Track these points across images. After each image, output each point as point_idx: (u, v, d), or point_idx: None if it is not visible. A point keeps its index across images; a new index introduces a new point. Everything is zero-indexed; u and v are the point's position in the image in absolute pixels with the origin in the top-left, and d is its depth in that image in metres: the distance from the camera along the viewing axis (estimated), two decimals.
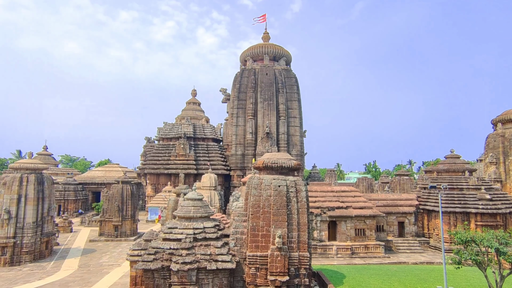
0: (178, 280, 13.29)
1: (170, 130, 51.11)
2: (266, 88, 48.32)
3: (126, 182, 32.77)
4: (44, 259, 23.38)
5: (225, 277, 13.75)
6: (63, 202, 46.01)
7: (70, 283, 18.44)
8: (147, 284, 13.81)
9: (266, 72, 49.37)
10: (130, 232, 31.51)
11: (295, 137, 48.23)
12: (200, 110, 57.88)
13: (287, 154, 16.34)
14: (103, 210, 31.58)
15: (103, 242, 29.62)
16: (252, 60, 51.21)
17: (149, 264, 13.55)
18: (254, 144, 47.12)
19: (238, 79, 49.73)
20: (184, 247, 13.83)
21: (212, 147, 50.32)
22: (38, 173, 24.04)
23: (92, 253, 25.60)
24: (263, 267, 13.65)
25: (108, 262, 22.87)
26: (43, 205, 23.86)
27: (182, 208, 15.61)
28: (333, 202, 26.06)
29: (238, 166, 46.97)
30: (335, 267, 20.45)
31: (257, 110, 47.84)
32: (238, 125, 47.94)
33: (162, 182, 47.46)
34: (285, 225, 13.88)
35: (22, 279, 19.03)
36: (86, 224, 38.79)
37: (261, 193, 14.36)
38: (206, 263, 13.57)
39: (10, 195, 22.40)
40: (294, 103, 48.98)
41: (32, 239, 22.63)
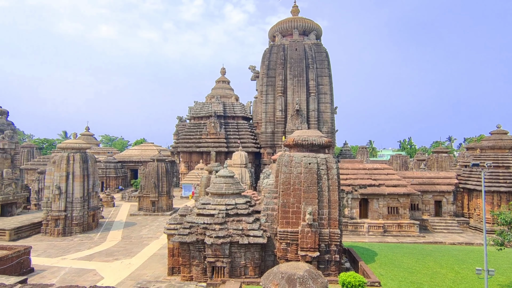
0: (212, 253, 13.95)
1: (200, 109, 51.99)
2: (295, 64, 47.01)
3: (160, 160, 34.23)
4: (91, 231, 25.52)
5: (256, 251, 14.19)
6: (105, 179, 49.33)
7: (115, 252, 20.06)
8: (184, 256, 14.65)
9: (295, 48, 47.84)
10: (166, 207, 33.26)
11: (325, 114, 47.05)
12: (230, 88, 57.95)
13: (317, 131, 16.02)
14: (141, 187, 33.46)
15: (142, 216, 31.62)
16: (281, 36, 49.72)
17: (185, 238, 14.30)
18: (284, 122, 46.71)
19: (267, 55, 48.74)
20: (217, 222, 14.37)
21: (242, 125, 50.65)
22: (82, 152, 25.78)
23: (133, 226, 27.48)
24: (294, 243, 13.88)
25: (148, 235, 24.47)
26: (88, 182, 25.74)
27: (214, 185, 16.08)
28: (365, 179, 25.47)
29: (268, 144, 47.09)
30: (367, 245, 20.30)
31: (287, 87, 46.96)
32: (268, 103, 47.56)
33: (195, 160, 49.03)
34: (315, 202, 13.86)
35: (74, 248, 21.01)
36: (126, 200, 41.47)
37: (291, 170, 14.34)
38: (238, 237, 14.05)
39: (60, 172, 24.35)
40: (324, 79, 47.38)
41: (80, 212, 24.68)
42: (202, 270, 14.41)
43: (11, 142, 27.39)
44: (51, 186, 24.25)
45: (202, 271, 14.40)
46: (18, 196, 27.39)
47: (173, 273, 15.61)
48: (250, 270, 14.18)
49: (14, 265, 15.27)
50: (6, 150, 27.07)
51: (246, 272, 14.24)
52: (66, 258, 18.86)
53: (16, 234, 22.66)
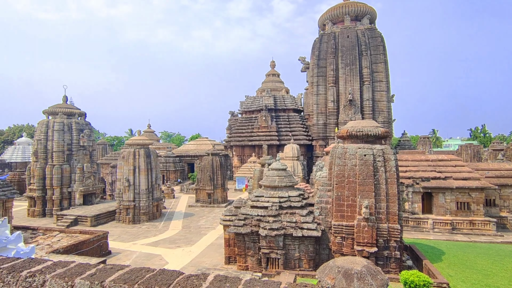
0: (266, 245, 14.26)
1: (251, 103, 52.81)
2: (347, 52, 44.95)
3: (215, 154, 35.75)
4: (156, 220, 27.85)
5: (310, 244, 14.13)
6: (166, 173, 53.17)
7: (177, 240, 21.65)
8: (239, 246, 15.23)
9: (347, 35, 45.69)
10: (221, 199, 34.73)
11: (381, 102, 44.31)
12: (280, 81, 57.80)
13: (372, 121, 15.22)
14: (197, 180, 35.39)
15: (199, 208, 33.49)
16: (331, 23, 47.87)
17: (240, 229, 14.83)
18: (336, 113, 45.20)
19: (317, 45, 47.40)
20: (270, 214, 14.62)
21: (293, 117, 50.30)
22: (146, 148, 28.15)
23: (191, 216, 29.28)
24: (349, 237, 13.50)
25: (205, 225, 25.88)
26: (152, 175, 28.05)
27: (267, 177, 16.34)
28: (428, 172, 23.52)
29: (320, 136, 46.09)
30: (432, 242, 18.84)
31: (339, 77, 45.23)
32: (319, 94, 46.40)
33: (247, 153, 50.15)
34: (372, 195, 13.27)
35: (142, 234, 23.18)
36: (185, 192, 44.24)
37: (345, 162, 13.90)
38: (292, 230, 14.13)
39: (128, 166, 26.95)
40: (379, 66, 44.53)
41: (146, 202, 27.07)
42: (257, 261, 14.83)
43: (89, 140, 31.03)
44: (121, 179, 26.97)
45: (257, 261, 14.82)
46: (96, 187, 31.01)
47: (230, 262, 16.35)
48: (305, 263, 14.20)
49: (95, 247, 17.43)
50: (85, 147, 30.78)
51: (301, 265, 14.29)
52: (136, 243, 20.93)
53: (95, 221, 25.75)
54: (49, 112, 30.57)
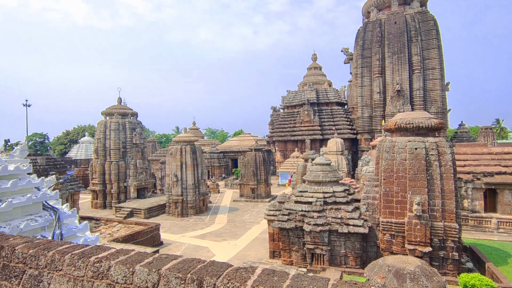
0: (311, 240, 14.13)
1: (293, 97, 52.29)
2: (394, 39, 42.26)
3: (258, 150, 36.12)
4: (202, 213, 29.04)
5: (357, 241, 13.69)
6: (210, 168, 55.03)
7: (223, 234, 22.37)
8: (283, 241, 15.28)
9: (394, 21, 42.92)
10: (264, 194, 35.06)
11: (434, 92, 41.03)
12: (322, 74, 56.37)
13: (424, 112, 14.18)
14: (241, 175, 36.09)
15: (243, 202, 34.17)
16: (376, 10, 45.31)
17: (284, 224, 14.87)
18: (382, 105, 42.90)
19: (361, 34, 45.24)
20: (315, 210, 14.43)
21: (336, 111, 48.84)
22: (191, 144, 29.40)
23: (236, 211, 30.00)
24: (399, 235, 12.82)
25: (249, 220, 26.37)
26: (198, 170, 29.25)
27: (311, 172, 16.13)
28: (491, 166, 21.31)
29: (365, 129, 44.16)
30: (496, 243, 17.14)
31: (385, 67, 42.77)
32: (364, 86, 44.38)
33: (290, 149, 49.89)
34: (424, 191, 12.42)
35: (190, 227, 24.35)
36: (229, 187, 45.42)
37: (394, 156, 13.17)
38: (337, 226, 13.81)
39: (176, 162, 28.41)
40: (431, 52, 41.18)
41: (193, 197, 28.35)
42: (301, 256, 14.77)
43: (141, 138, 33.29)
44: (170, 174, 28.54)
45: (302, 256, 14.76)
46: (148, 182, 33.24)
47: (274, 257, 16.49)
48: (351, 260, 13.81)
49: (149, 238, 18.73)
50: (138, 144, 33.09)
51: (347, 262, 13.93)
52: (185, 235, 22.07)
53: (148, 213, 27.64)
54: (106, 113, 33.35)
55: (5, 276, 3.22)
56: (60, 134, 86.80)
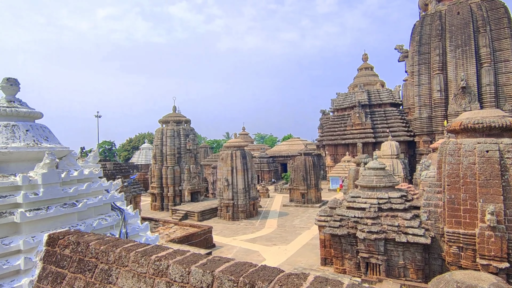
0: (365, 249, 13.41)
1: (343, 100, 50.64)
2: (458, 31, 38.60)
3: (307, 154, 35.57)
4: (252, 218, 29.41)
5: (418, 252, 12.64)
6: (260, 173, 55.61)
7: (273, 238, 22.38)
8: (335, 248, 14.75)
9: (457, 11, 39.27)
10: (315, 199, 34.31)
11: (508, 87, 36.45)
12: (374, 74, 53.74)
13: (497, 110, 12.66)
14: (291, 180, 35.82)
15: (293, 207, 33.83)
16: (435, 2, 41.94)
17: (336, 230, 14.36)
18: (444, 104, 39.33)
19: (418, 29, 42.20)
20: (368, 216, 13.70)
21: (390, 112, 46.05)
22: (241, 149, 30.08)
23: (286, 216, 29.81)
24: (469, 248, 11.52)
25: (299, 225, 25.99)
26: (248, 175, 29.78)
27: (363, 177, 15.40)
28: None
29: (424, 131, 40.86)
30: None
31: (446, 62, 39.24)
32: (421, 84, 41.20)
33: (340, 153, 48.25)
34: (499, 199, 11.02)
35: (241, 231, 24.82)
36: (279, 191, 45.36)
37: (459, 160, 11.95)
38: (394, 234, 12.92)
39: (226, 167, 29.30)
40: (503, 42, 36.73)
41: (243, 201, 28.89)
42: (355, 265, 14.10)
43: (194, 144, 35.06)
44: (221, 179, 29.49)
45: (355, 265, 14.08)
46: (201, 186, 34.78)
47: (326, 264, 15.99)
48: (411, 272, 12.79)
49: (202, 240, 19.52)
50: (191, 150, 34.89)
51: (406, 274, 12.93)
52: (236, 238, 22.55)
53: (201, 216, 28.86)
54: (163, 121, 35.80)
55: (80, 269, 3.62)
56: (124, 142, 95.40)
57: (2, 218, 3.88)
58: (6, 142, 4.32)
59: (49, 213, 4.14)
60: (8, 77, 4.68)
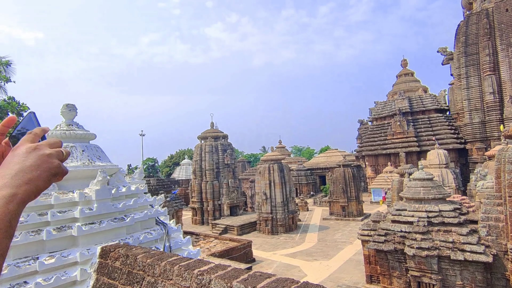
0: (416, 266, 12.45)
1: (382, 108, 48.70)
2: (508, 29, 35.70)
3: (346, 165, 34.44)
4: (292, 232, 28.85)
5: (478, 271, 11.45)
6: (298, 186, 54.72)
7: (314, 253, 21.70)
8: (382, 265, 13.88)
9: (505, 8, 36.44)
10: (356, 212, 32.85)
11: None
12: (415, 80, 51.18)
13: None
14: (330, 192, 34.78)
15: (333, 221, 32.67)
16: (480, 0, 39.34)
17: (381, 245, 13.55)
18: (498, 107, 36.12)
19: (463, 29, 39.73)
20: (417, 231, 12.77)
21: (435, 119, 43.25)
22: (279, 163, 29.99)
23: (326, 230, 28.84)
24: None
25: (341, 239, 24.96)
26: (286, 188, 29.49)
27: (409, 189, 14.49)
28: None
29: (476, 138, 37.67)
30: None
31: (498, 62, 36.26)
32: (470, 87, 38.35)
33: (381, 163, 46.04)
34: None
35: (281, 245, 24.43)
36: (318, 205, 44.17)
37: None
38: (449, 251, 11.86)
39: (264, 181, 29.32)
40: None
41: (282, 215, 28.54)
42: (405, 284, 13.12)
43: (232, 158, 35.70)
44: (259, 192, 29.51)
45: (406, 284, 13.10)
46: (239, 200, 35.07)
47: (372, 282, 15.07)
48: None
49: (242, 254, 19.52)
50: (229, 165, 35.53)
51: None
52: (276, 253, 22.22)
53: (241, 230, 28.95)
54: (201, 137, 37.04)
55: (129, 281, 3.80)
56: (166, 158, 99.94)
57: (62, 231, 4.24)
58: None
59: (102, 227, 4.45)
60: (67, 104, 5.21)
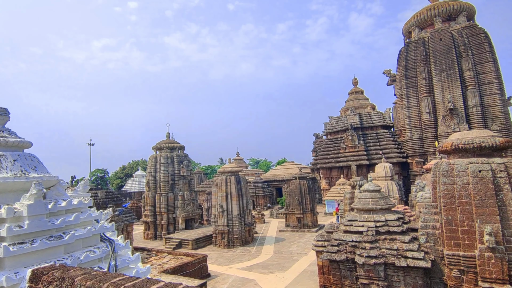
0: (365, 274, 13.03)
1: (336, 123, 51.37)
2: (441, 56, 40.25)
3: (302, 178, 35.42)
4: (248, 244, 28.63)
5: (419, 277, 12.31)
6: (255, 198, 54.91)
7: (270, 266, 21.68)
8: (334, 275, 14.30)
9: (439, 38, 41.16)
10: (311, 224, 33.75)
11: (493, 108, 37.56)
12: (364, 98, 55.05)
13: (485, 130, 12.91)
14: (286, 204, 35.37)
15: (289, 232, 33.15)
16: (418, 29, 44.05)
17: (334, 256, 14.00)
18: (433, 125, 40.15)
19: (403, 55, 43.93)
20: (366, 240, 13.44)
21: (382, 134, 46.72)
22: (236, 175, 29.83)
23: (282, 241, 29.11)
24: (470, 270, 11.28)
25: (296, 251, 25.33)
26: (243, 200, 29.34)
27: (359, 200, 15.27)
28: None
29: (416, 152, 41.33)
30: None
31: (433, 85, 40.54)
32: (410, 106, 42.25)
33: (335, 175, 48.21)
34: (496, 219, 10.97)
35: (237, 259, 24.04)
36: (274, 216, 44.61)
37: (453, 180, 11.99)
38: (394, 258, 12.62)
39: (221, 193, 28.89)
40: (486, 66, 38.30)
41: (239, 227, 28.24)
42: None
43: (188, 170, 34.71)
44: (216, 205, 28.97)
45: None
46: (195, 213, 34.02)
47: None
48: None
49: (197, 269, 18.80)
50: (185, 176, 34.47)
51: None
52: (232, 267, 21.78)
53: (196, 244, 27.99)
54: (156, 148, 35.62)
55: None
56: (117, 169, 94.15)
57: None
58: None
59: (33, 246, 3.95)
60: None
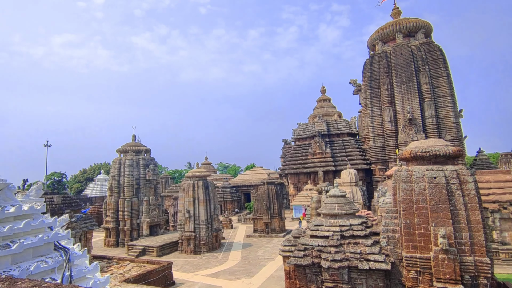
0: (330, 278, 13.32)
1: (304, 130, 52.53)
2: (402, 69, 42.87)
3: (270, 183, 35.67)
4: (215, 250, 28.18)
5: (380, 279, 12.82)
6: (223, 203, 54.35)
7: (237, 272, 21.46)
8: (300, 279, 14.46)
9: (400, 52, 43.85)
10: (278, 229, 34.01)
11: (447, 119, 40.58)
12: (332, 106, 56.98)
13: (440, 140, 13.86)
14: (254, 209, 35.38)
15: (257, 238, 33.13)
16: (381, 43, 46.62)
17: (300, 260, 14.17)
18: (395, 134, 42.48)
19: (368, 66, 46.21)
20: (332, 245, 13.77)
21: (348, 141, 48.54)
22: (204, 180, 29.35)
23: (250, 247, 29.00)
24: (426, 271, 11.95)
25: (264, 256, 25.36)
26: (210, 206, 28.88)
27: (325, 205, 15.64)
28: None
29: (379, 159, 43.40)
30: None
31: (394, 96, 42.99)
32: (374, 116, 44.40)
33: (303, 181, 49.13)
34: (449, 223, 11.75)
35: (203, 265, 23.53)
36: (242, 222, 44.41)
37: (412, 186, 12.70)
38: (357, 262, 13.04)
39: (188, 198, 28.23)
40: (441, 80, 41.38)
41: (206, 233, 27.72)
42: None
43: (154, 174, 33.54)
44: (182, 210, 28.23)
45: None
46: (161, 219, 32.89)
47: None
48: None
49: (161, 277, 18.11)
50: (151, 181, 33.27)
51: None
52: (198, 274, 21.26)
53: (161, 251, 27.01)
54: (121, 151, 34.09)
55: None
56: (77, 173, 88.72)
57: None
58: None
59: None
60: None
